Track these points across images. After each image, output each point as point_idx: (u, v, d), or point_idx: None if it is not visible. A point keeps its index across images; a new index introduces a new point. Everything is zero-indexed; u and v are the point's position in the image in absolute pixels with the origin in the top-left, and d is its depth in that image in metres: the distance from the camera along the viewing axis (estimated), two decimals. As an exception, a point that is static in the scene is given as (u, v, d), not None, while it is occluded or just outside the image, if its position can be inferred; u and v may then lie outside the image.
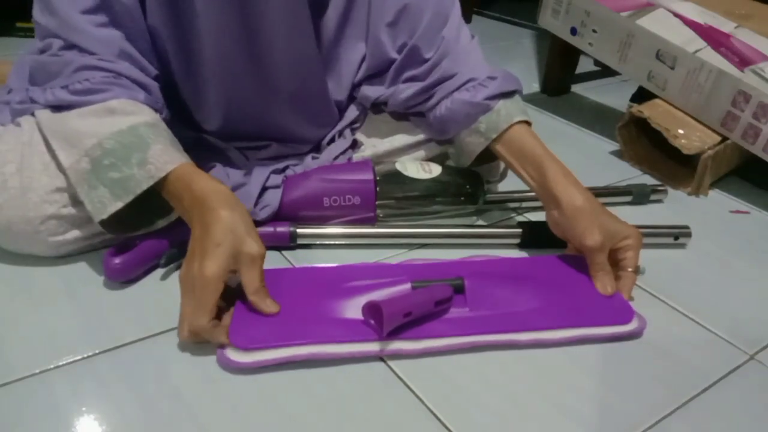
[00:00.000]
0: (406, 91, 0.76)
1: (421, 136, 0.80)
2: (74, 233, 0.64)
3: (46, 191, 0.62)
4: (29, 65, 0.66)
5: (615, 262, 0.65)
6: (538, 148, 0.69)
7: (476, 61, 0.75)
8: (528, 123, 0.72)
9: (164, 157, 0.59)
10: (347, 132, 0.80)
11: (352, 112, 0.81)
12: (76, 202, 0.63)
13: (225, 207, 0.56)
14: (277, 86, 0.72)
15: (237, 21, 0.66)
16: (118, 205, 0.59)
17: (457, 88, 0.73)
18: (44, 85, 0.63)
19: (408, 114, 0.80)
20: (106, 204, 0.59)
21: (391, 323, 0.55)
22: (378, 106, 0.82)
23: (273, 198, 0.71)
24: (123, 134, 0.59)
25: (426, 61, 0.75)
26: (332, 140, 0.80)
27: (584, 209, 0.64)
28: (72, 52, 0.61)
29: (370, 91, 0.79)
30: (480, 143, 0.72)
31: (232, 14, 0.65)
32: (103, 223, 0.60)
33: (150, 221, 0.65)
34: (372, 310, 0.57)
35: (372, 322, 0.57)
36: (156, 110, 0.64)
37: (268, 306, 0.57)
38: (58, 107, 0.62)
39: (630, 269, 0.64)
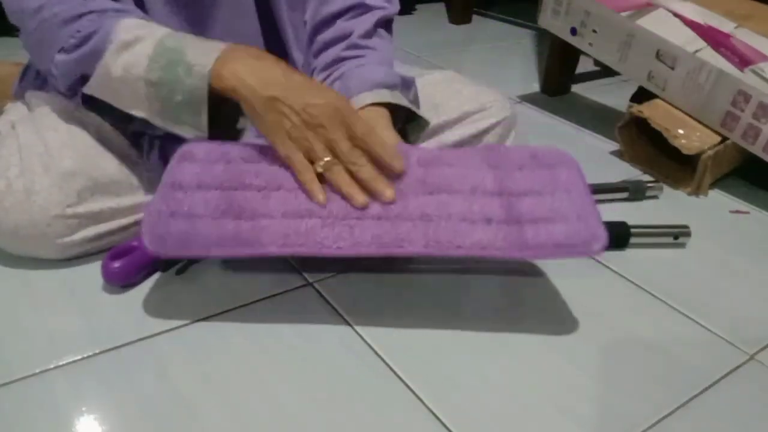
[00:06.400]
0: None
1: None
2: (81, 234, 0.64)
3: (49, 192, 0.62)
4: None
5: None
6: None
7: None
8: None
9: (200, 52, 0.58)
10: None
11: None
12: (80, 201, 0.63)
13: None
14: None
15: None
16: (204, 118, 0.58)
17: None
18: (46, 59, 0.62)
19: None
20: (200, 124, 0.59)
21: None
22: None
23: None
24: (156, 57, 0.58)
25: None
26: None
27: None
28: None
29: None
30: None
31: None
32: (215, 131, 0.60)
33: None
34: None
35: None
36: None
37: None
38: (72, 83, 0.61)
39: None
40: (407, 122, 0.70)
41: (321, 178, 0.57)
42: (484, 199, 0.57)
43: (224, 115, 0.62)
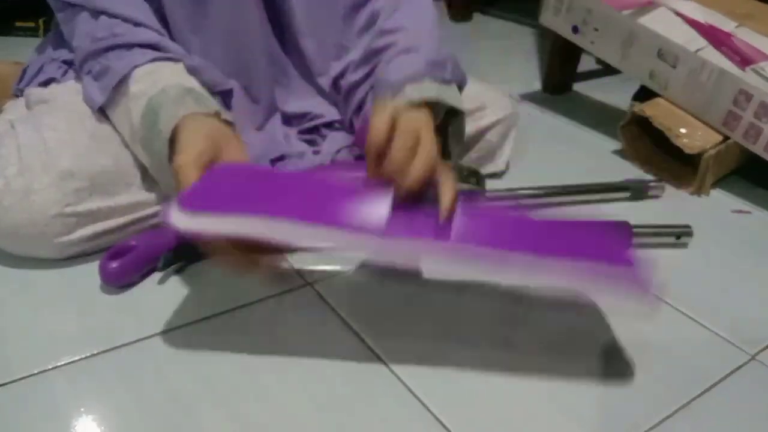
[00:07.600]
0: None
1: None
2: (80, 233, 0.64)
3: (47, 191, 0.62)
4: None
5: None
6: None
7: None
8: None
9: (166, 118, 0.59)
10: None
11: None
12: (79, 200, 0.63)
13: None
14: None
15: None
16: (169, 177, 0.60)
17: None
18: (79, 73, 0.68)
19: None
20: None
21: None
22: None
23: None
24: (144, 115, 0.61)
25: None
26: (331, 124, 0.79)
27: None
28: (100, 19, 0.65)
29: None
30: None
31: None
32: None
33: None
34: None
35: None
36: (173, 60, 0.65)
37: None
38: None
39: None
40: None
41: None
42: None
43: None
